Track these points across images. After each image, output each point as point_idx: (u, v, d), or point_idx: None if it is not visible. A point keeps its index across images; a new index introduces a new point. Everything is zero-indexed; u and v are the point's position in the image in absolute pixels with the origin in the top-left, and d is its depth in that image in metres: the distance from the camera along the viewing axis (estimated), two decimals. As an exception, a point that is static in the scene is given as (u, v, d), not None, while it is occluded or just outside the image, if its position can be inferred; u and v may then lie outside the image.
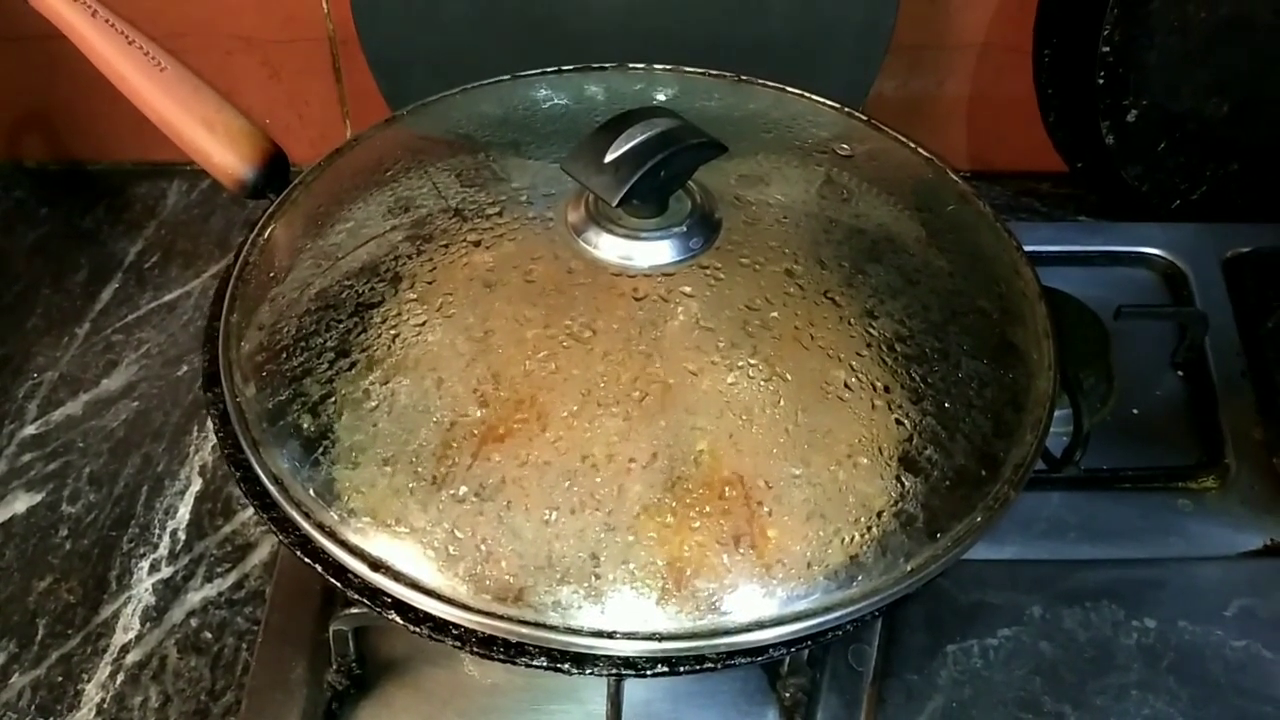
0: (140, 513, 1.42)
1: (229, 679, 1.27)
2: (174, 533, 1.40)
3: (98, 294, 1.68)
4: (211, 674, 1.27)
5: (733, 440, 0.93)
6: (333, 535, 0.94)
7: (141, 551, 1.38)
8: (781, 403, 0.96)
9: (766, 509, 0.91)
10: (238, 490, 1.12)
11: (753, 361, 0.97)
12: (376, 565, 0.92)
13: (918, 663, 1.25)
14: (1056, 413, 1.38)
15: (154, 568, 1.37)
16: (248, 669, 1.26)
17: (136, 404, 1.53)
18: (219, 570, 1.36)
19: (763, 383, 0.96)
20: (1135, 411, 1.50)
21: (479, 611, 0.89)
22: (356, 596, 0.93)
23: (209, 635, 1.31)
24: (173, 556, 1.38)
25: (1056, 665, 1.25)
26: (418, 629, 0.92)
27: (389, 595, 0.92)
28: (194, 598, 1.34)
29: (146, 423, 1.51)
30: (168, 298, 1.67)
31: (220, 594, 1.34)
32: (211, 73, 1.22)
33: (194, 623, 1.32)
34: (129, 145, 1.81)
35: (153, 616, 1.32)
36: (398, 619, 0.92)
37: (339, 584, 0.94)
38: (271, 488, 0.97)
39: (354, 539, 0.93)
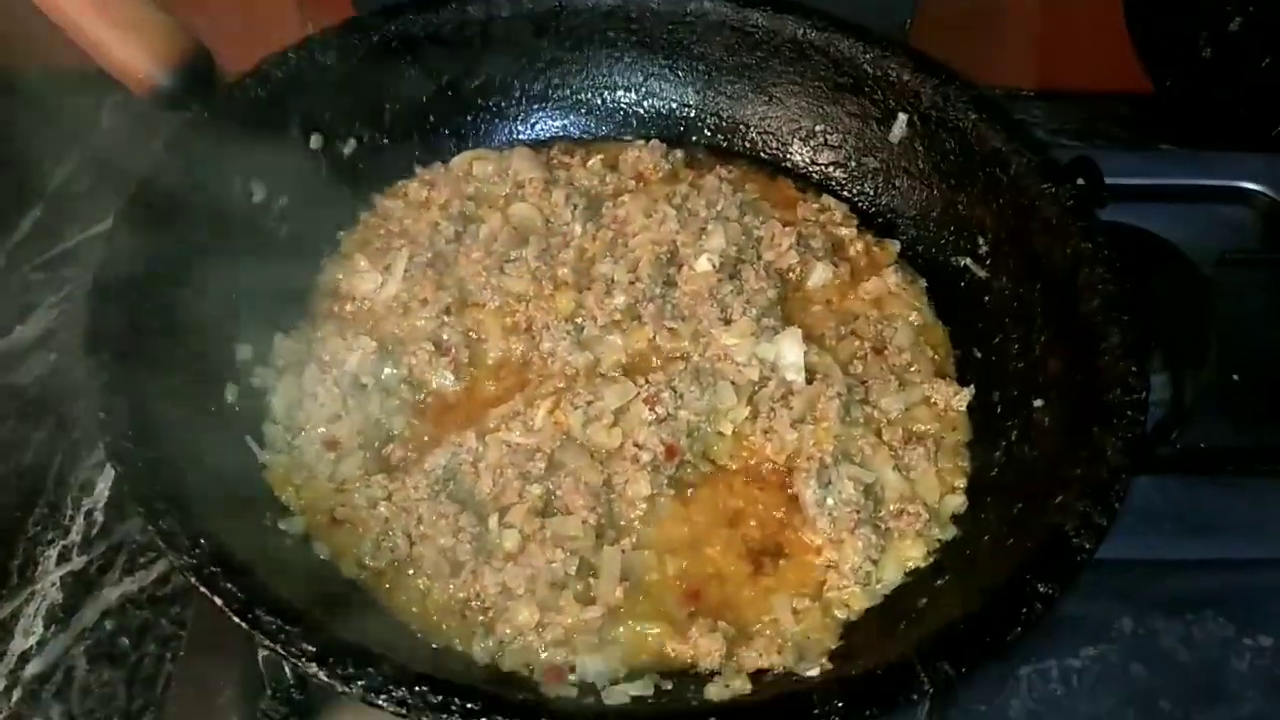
0: (50, 489, 1.20)
1: (148, 696, 1.05)
2: (89, 514, 1.18)
3: (14, 224, 1.45)
4: (127, 690, 1.06)
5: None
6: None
7: (50, 537, 1.16)
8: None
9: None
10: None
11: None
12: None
13: (985, 690, 1.04)
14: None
15: (64, 557, 1.15)
16: (169, 685, 1.05)
17: (54, 356, 1.31)
18: (141, 560, 1.14)
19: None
20: (1236, 377, 1.27)
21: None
22: (269, 644, 0.70)
23: (126, 641, 1.09)
24: (87, 543, 1.16)
25: (1153, 693, 1.05)
26: (348, 688, 0.69)
27: (310, 642, 0.70)
28: (110, 594, 1.13)
29: (64, 379, 1.28)
30: (98, 229, 1.42)
31: (141, 590, 1.13)
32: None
33: (109, 626, 1.10)
34: (60, 49, 1.55)
35: (59, 617, 1.11)
36: (321, 674, 0.69)
37: (244, 625, 0.71)
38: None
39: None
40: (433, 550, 0.90)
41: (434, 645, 0.86)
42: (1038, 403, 0.97)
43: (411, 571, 0.90)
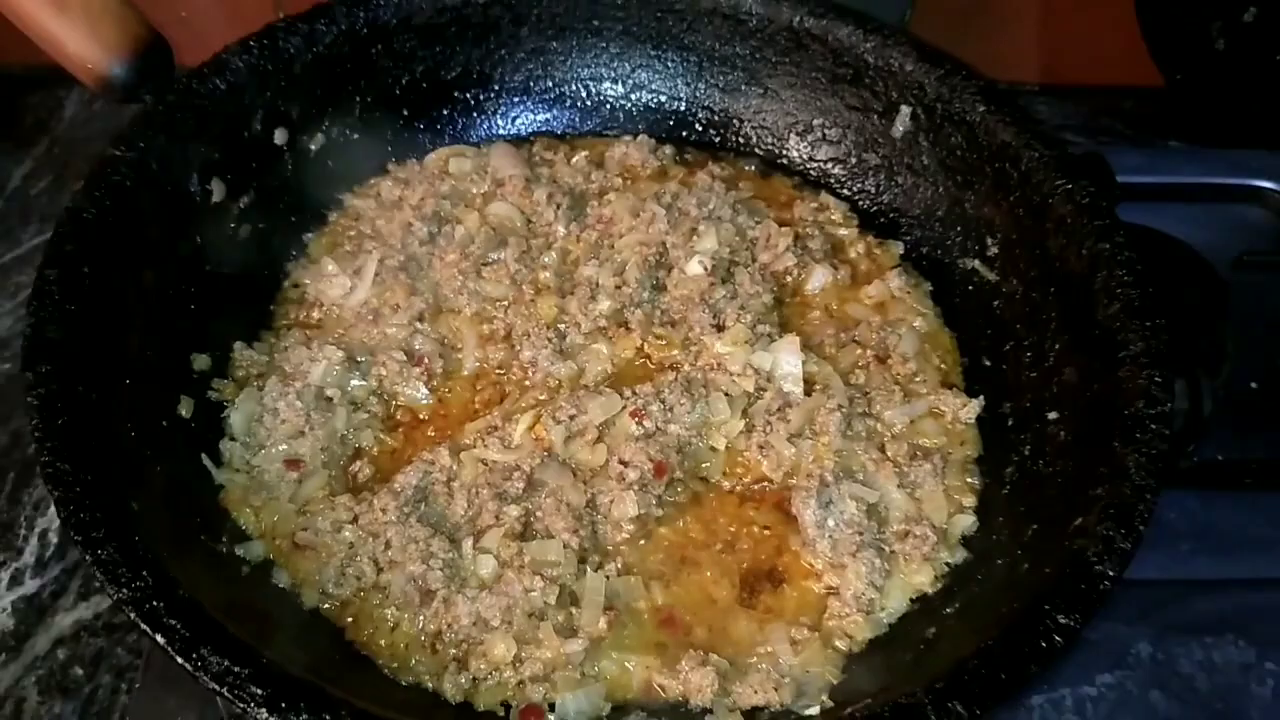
0: (3, 507, 1.13)
1: (103, 730, 0.99)
2: (43, 534, 1.12)
3: (-31, 227, 1.38)
4: (80, 724, 0.99)
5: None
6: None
7: (1, 559, 1.10)
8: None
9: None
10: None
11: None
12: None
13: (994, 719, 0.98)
14: None
15: (15, 580, 1.09)
16: (125, 717, 0.98)
17: (8, 366, 1.24)
18: (96, 585, 1.08)
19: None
20: (1254, 385, 1.23)
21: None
22: (212, 685, 0.64)
23: (79, 672, 1.03)
24: (40, 566, 1.10)
25: (1172, 722, 0.99)
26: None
27: (259, 684, 0.63)
28: (64, 621, 1.06)
29: (19, 390, 1.20)
30: (56, 232, 1.38)
31: (97, 616, 1.07)
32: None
33: (62, 654, 1.04)
34: (18, 46, 1.50)
35: (10, 645, 1.04)
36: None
37: (187, 666, 0.65)
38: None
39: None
40: (402, 578, 0.84)
41: (402, 682, 0.80)
42: (1052, 415, 0.92)
43: (378, 601, 0.84)
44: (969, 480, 0.95)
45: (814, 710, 0.79)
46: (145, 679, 0.98)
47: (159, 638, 0.66)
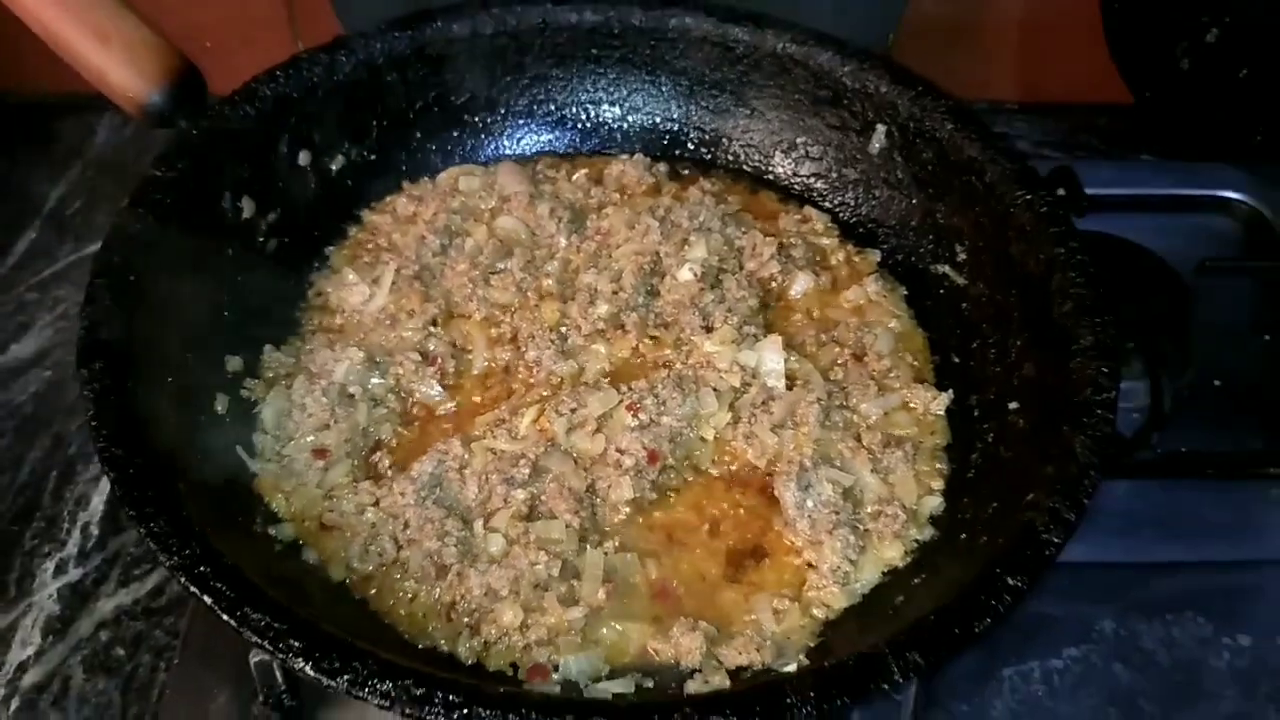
0: (47, 503, 1.21)
1: (142, 705, 1.07)
2: (85, 527, 1.20)
3: (11, 245, 1.47)
4: (122, 698, 1.07)
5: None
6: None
7: (46, 550, 1.18)
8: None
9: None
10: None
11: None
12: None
13: (967, 690, 1.05)
14: (1127, 385, 1.20)
15: (60, 569, 1.16)
16: (164, 694, 1.06)
17: (49, 374, 1.33)
18: (136, 573, 1.16)
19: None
20: (1217, 383, 1.29)
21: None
22: (254, 639, 0.72)
23: (121, 652, 1.11)
24: (83, 556, 1.17)
25: (1133, 693, 1.06)
26: (333, 682, 0.70)
27: (297, 638, 0.71)
28: (105, 606, 1.14)
29: (60, 396, 1.30)
30: (91, 249, 1.43)
31: (136, 601, 1.14)
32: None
33: (104, 637, 1.12)
34: (54, 74, 1.57)
35: (56, 628, 1.12)
36: (308, 669, 0.71)
37: (232, 622, 0.73)
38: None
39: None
40: (419, 554, 0.91)
41: (420, 646, 0.87)
42: (1013, 405, 0.98)
43: (399, 575, 0.91)
44: (937, 466, 1.02)
45: (791, 667, 0.86)
46: (183, 658, 1.05)
47: (207, 598, 0.73)
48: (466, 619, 0.88)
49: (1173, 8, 1.44)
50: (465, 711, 0.69)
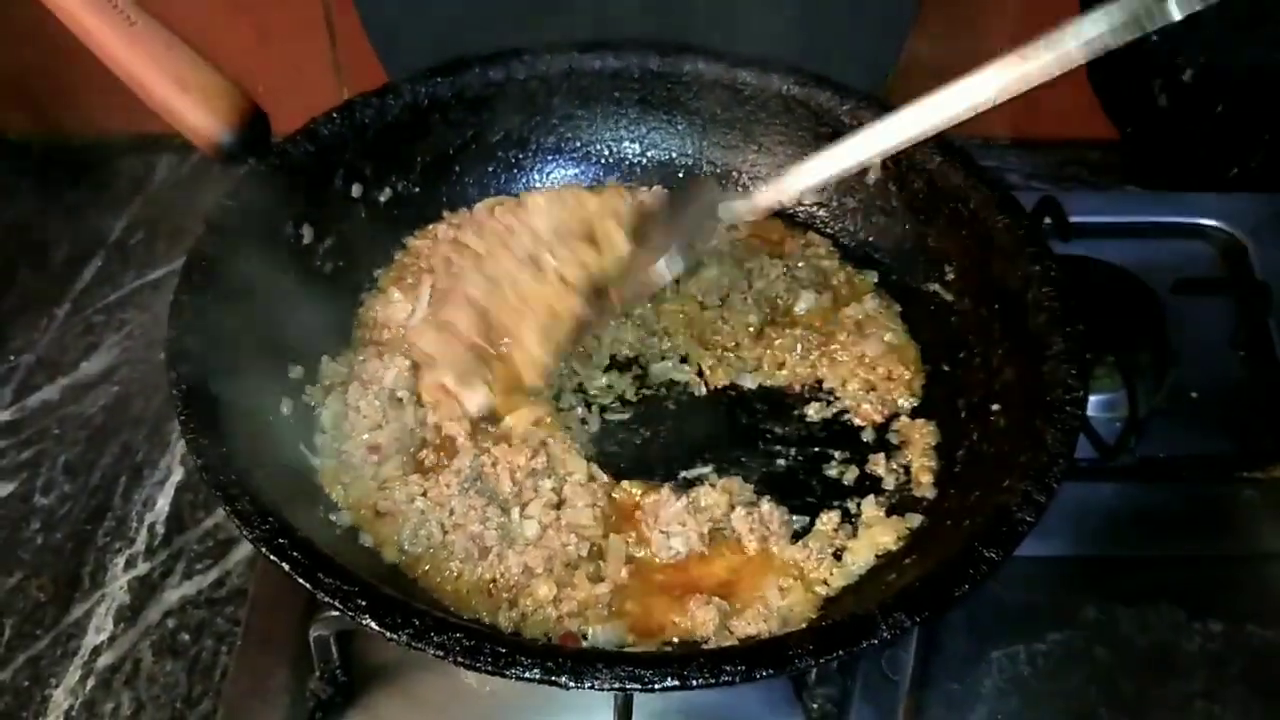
0: (117, 505, 1.32)
1: (206, 684, 1.17)
2: (152, 526, 1.30)
3: (79, 273, 1.59)
4: (188, 679, 1.18)
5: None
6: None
7: (117, 546, 1.29)
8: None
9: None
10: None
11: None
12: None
13: (959, 670, 1.14)
14: (1108, 396, 1.29)
15: (130, 564, 1.27)
16: (226, 674, 1.16)
17: (116, 389, 1.44)
18: (199, 567, 1.27)
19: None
20: (1194, 395, 1.38)
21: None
22: (327, 598, 0.83)
23: (186, 637, 1.21)
24: (150, 552, 1.28)
25: (1112, 672, 1.15)
26: (395, 635, 0.81)
27: (363, 599, 0.82)
28: (171, 596, 1.25)
29: (126, 408, 1.42)
30: (153, 276, 1.57)
31: (199, 592, 1.25)
32: (198, 36, 1.12)
33: (170, 624, 1.22)
34: (117, 117, 1.71)
35: (127, 616, 1.23)
36: (373, 624, 0.81)
37: (308, 584, 0.83)
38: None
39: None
40: (463, 538, 1.01)
41: (465, 617, 0.97)
42: (995, 407, 1.08)
43: (445, 556, 1.01)
44: (928, 464, 1.12)
45: None
46: (244, 642, 1.14)
47: (285, 565, 0.84)
48: (506, 594, 0.98)
49: (1150, 49, 1.52)
50: (509, 659, 0.79)
